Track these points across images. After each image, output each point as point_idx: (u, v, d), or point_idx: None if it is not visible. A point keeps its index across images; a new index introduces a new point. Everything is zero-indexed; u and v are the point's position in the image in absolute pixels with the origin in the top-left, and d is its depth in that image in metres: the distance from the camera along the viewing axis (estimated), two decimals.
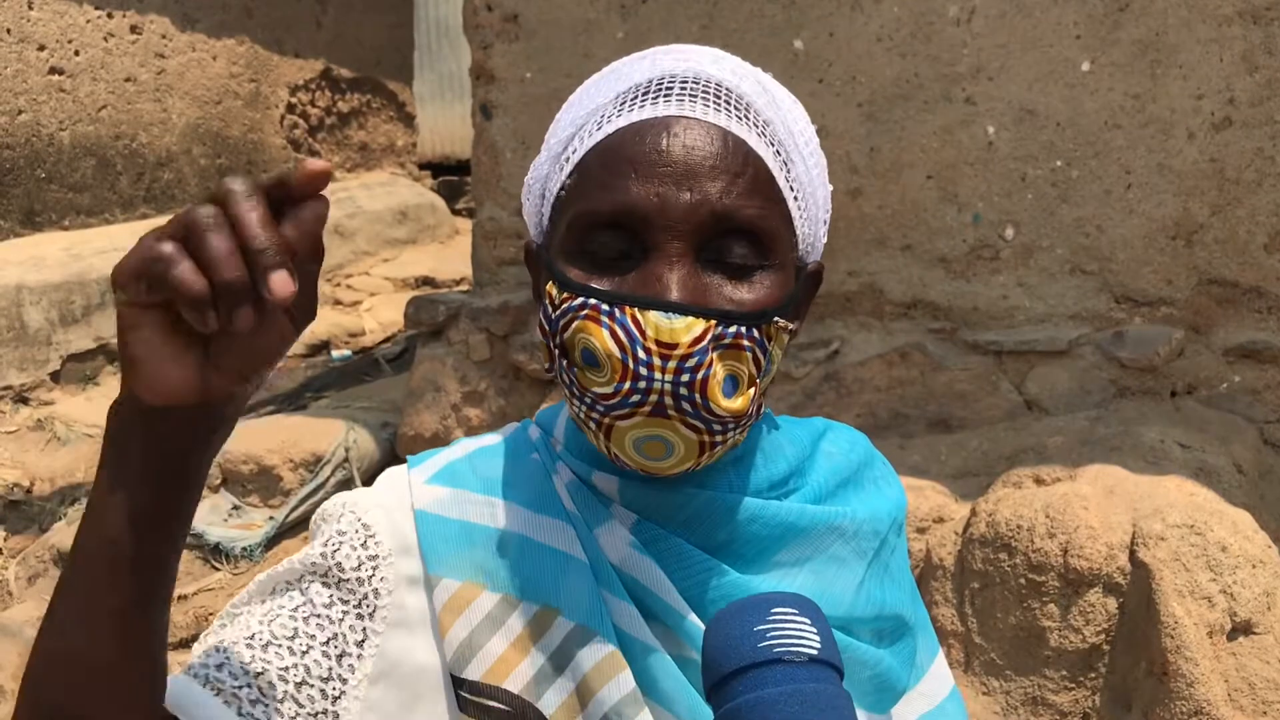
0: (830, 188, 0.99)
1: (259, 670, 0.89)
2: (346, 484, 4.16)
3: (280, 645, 0.90)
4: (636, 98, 0.91)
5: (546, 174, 0.96)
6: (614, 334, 0.84)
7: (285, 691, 0.89)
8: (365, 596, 0.93)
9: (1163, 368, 3.27)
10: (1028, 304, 3.45)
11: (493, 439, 1.07)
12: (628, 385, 0.84)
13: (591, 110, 0.93)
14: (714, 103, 0.90)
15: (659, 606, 0.92)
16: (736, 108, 0.91)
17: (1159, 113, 3.23)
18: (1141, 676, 2.43)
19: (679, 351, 0.84)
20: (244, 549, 3.92)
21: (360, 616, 0.93)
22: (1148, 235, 3.29)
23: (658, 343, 0.84)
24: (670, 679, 0.90)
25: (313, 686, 0.90)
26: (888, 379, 3.51)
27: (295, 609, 0.92)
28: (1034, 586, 2.57)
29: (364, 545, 0.95)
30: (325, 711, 0.90)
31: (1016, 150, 3.40)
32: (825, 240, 1.00)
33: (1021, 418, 3.34)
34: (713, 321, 0.85)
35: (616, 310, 0.85)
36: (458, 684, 0.93)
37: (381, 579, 0.94)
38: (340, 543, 0.94)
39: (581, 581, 0.93)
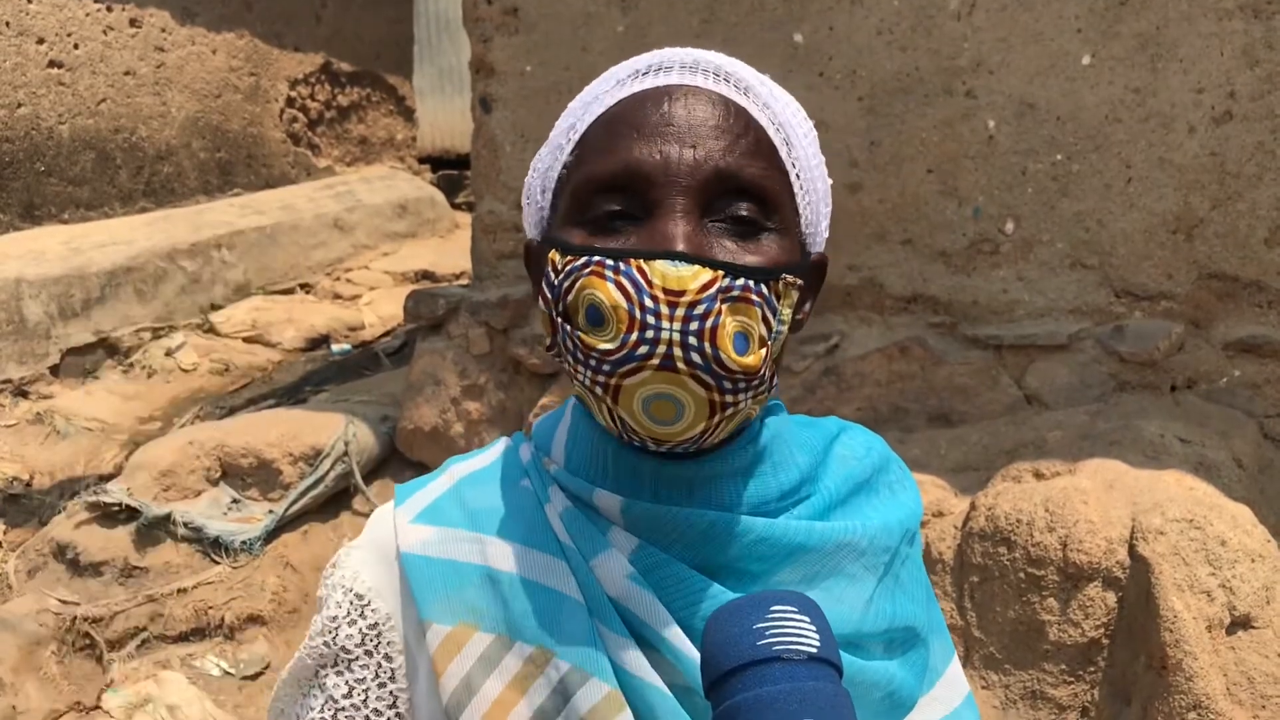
0: (830, 182, 0.98)
1: None
2: (345, 478, 4.16)
3: None
4: (636, 76, 0.91)
5: (547, 167, 0.95)
6: (619, 285, 0.82)
7: None
8: (380, 664, 0.95)
9: (1163, 362, 3.27)
10: (1028, 298, 3.45)
11: (482, 462, 1.04)
12: (635, 336, 0.81)
13: (592, 98, 0.93)
14: (715, 77, 0.90)
15: (658, 641, 0.89)
16: (737, 86, 0.91)
17: (1159, 107, 3.23)
18: (1140, 670, 2.43)
19: (687, 298, 0.81)
20: (243, 543, 3.92)
21: (383, 684, 0.95)
22: (1148, 229, 3.29)
23: (665, 290, 0.81)
24: (671, 716, 0.87)
25: None
26: (887, 373, 3.51)
27: (321, 708, 0.95)
28: (1033, 580, 2.57)
29: (361, 616, 0.95)
30: None
31: (1017, 144, 3.39)
32: (827, 235, 0.99)
33: (1021, 412, 3.34)
34: (720, 272, 0.82)
35: (621, 264, 0.83)
36: None
37: (389, 643, 0.95)
38: (336, 628, 0.95)
39: (576, 621, 0.90)
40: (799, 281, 0.88)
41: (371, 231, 7.85)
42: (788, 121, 0.93)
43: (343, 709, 0.94)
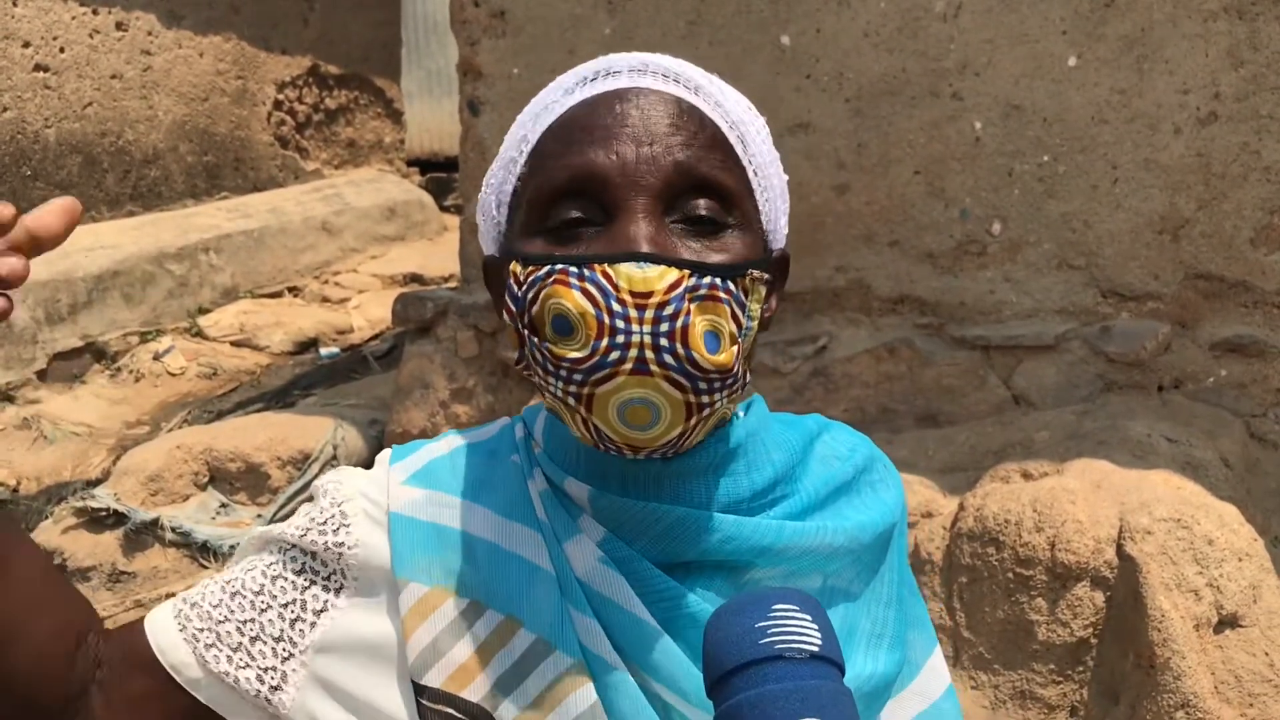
0: (786, 178, 0.97)
1: (222, 618, 0.95)
2: None
3: (245, 597, 0.96)
4: (584, 82, 0.91)
5: (500, 182, 0.94)
6: (586, 292, 0.81)
7: (240, 643, 0.94)
8: (334, 573, 0.96)
9: (1150, 362, 3.28)
10: (1015, 299, 3.45)
11: (481, 434, 1.05)
12: (605, 342, 0.80)
13: (540, 109, 0.93)
14: (664, 79, 0.89)
15: (625, 620, 0.89)
16: (687, 85, 0.90)
17: (1145, 108, 3.24)
18: (1129, 670, 2.44)
19: (655, 299, 0.80)
20: (232, 547, 3.91)
21: (325, 589, 0.96)
22: (1134, 230, 3.30)
23: (632, 293, 0.80)
24: (628, 699, 0.88)
25: (265, 643, 0.94)
26: (876, 374, 3.52)
27: (269, 566, 0.97)
28: (1022, 581, 2.58)
29: (335, 532, 0.96)
30: (274, 669, 0.94)
31: (1003, 145, 3.40)
32: (786, 231, 0.98)
33: (1009, 412, 3.35)
34: (686, 271, 0.81)
35: (585, 269, 0.82)
36: (419, 691, 0.92)
37: (347, 564, 0.96)
38: (309, 528, 0.97)
39: (547, 594, 0.91)
40: (766, 276, 0.88)
41: (360, 234, 7.84)
42: (740, 119, 0.92)
43: (285, 576, 0.96)
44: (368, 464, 3.90)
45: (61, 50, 6.75)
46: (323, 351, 6.26)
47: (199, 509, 4.04)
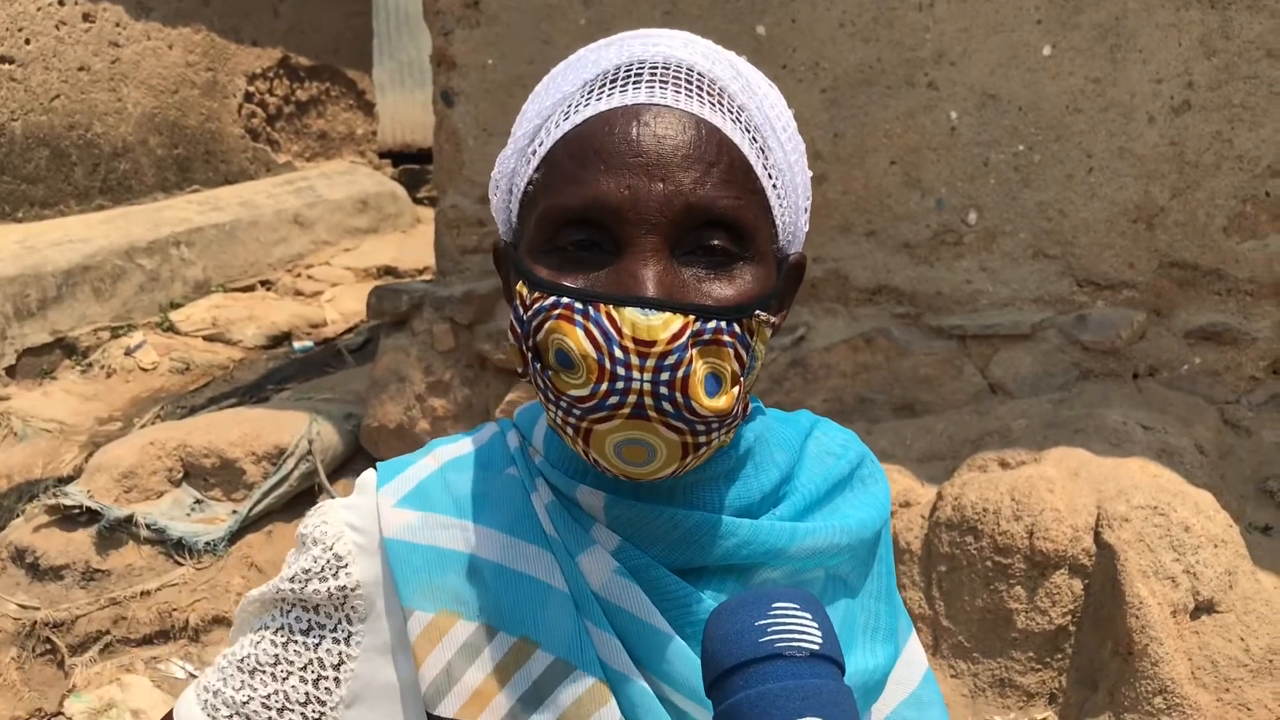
0: (810, 174, 0.96)
1: (245, 699, 0.95)
2: (310, 477, 4.12)
3: (265, 671, 0.96)
4: (605, 85, 0.87)
5: (513, 168, 0.92)
6: (589, 333, 0.81)
7: (269, 718, 0.94)
8: (340, 622, 0.95)
9: (1125, 350, 3.29)
10: (991, 288, 3.46)
11: (468, 446, 1.03)
12: (605, 386, 0.80)
13: (559, 100, 0.89)
14: (686, 88, 0.86)
15: (643, 631, 0.89)
16: (709, 93, 0.87)
17: (1119, 97, 3.25)
18: (1107, 656, 2.45)
19: (657, 349, 0.80)
20: (207, 544, 3.88)
21: (336, 641, 0.95)
22: (1109, 219, 3.32)
23: (635, 340, 0.80)
24: (650, 713, 0.88)
25: (294, 711, 0.94)
26: (853, 364, 3.52)
27: (277, 633, 0.97)
28: (1000, 569, 2.59)
29: (334, 576, 0.95)
30: None
31: (979, 135, 3.41)
32: (807, 229, 0.97)
33: (986, 401, 3.36)
34: (691, 317, 0.81)
35: (590, 308, 0.81)
36: None
37: (353, 608, 0.95)
38: (307, 579, 0.96)
39: (562, 612, 0.90)
40: (772, 320, 0.88)
41: (332, 227, 7.79)
42: (765, 120, 0.90)
43: (295, 640, 0.95)
44: (343, 458, 3.83)
45: (27, 42, 6.66)
46: (296, 345, 6.21)
47: (173, 505, 4.01)
